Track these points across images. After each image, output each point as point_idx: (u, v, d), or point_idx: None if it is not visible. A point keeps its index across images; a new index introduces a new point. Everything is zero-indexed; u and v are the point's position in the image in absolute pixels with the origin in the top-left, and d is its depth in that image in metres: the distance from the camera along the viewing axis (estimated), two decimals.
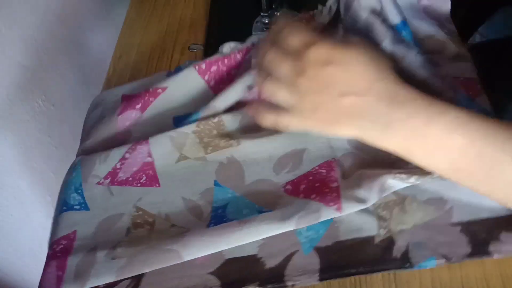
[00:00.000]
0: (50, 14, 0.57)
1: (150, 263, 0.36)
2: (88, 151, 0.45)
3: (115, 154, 0.43)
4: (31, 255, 0.62)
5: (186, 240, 0.36)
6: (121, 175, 0.42)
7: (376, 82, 0.32)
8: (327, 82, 0.32)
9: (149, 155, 0.42)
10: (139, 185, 0.42)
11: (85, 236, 0.39)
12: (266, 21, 0.56)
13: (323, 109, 0.33)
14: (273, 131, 0.40)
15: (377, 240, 0.36)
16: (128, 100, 0.47)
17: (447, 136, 0.29)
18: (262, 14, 0.57)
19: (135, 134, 0.45)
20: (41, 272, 0.39)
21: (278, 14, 0.56)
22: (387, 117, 0.31)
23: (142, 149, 0.42)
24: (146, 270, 0.36)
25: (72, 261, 0.37)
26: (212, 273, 0.36)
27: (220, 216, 0.39)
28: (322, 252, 0.36)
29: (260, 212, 0.38)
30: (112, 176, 0.42)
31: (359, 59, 0.32)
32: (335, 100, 0.32)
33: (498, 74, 0.43)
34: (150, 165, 0.42)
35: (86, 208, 0.41)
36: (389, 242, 0.36)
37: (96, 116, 0.50)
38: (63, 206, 0.42)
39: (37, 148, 0.59)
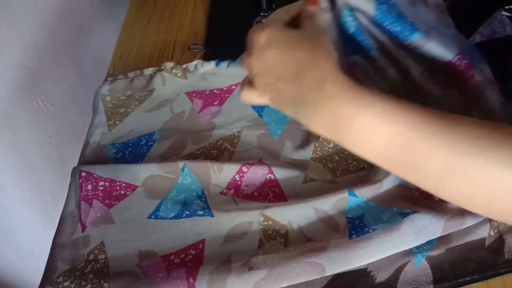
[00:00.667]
0: (50, 14, 0.57)
1: (291, 276, 0.34)
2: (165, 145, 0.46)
3: (230, 167, 0.42)
4: (31, 255, 0.62)
5: (330, 252, 0.35)
6: (244, 189, 0.42)
7: (305, 70, 0.32)
8: (266, 64, 0.33)
9: (271, 172, 0.42)
10: (266, 201, 0.41)
11: (214, 246, 0.38)
12: None
13: (267, 90, 0.35)
14: None
15: (488, 242, 0.36)
16: (205, 99, 0.51)
17: (372, 129, 0.30)
18: (262, 14, 0.57)
19: (218, 124, 0.48)
20: (42, 272, 0.39)
21: None
22: (315, 107, 0.32)
23: (260, 165, 0.42)
24: (286, 284, 0.34)
25: (205, 270, 0.36)
26: None
27: (360, 227, 0.37)
28: (433, 261, 0.35)
29: (401, 214, 0.36)
30: (235, 188, 0.42)
31: (295, 44, 0.33)
32: (274, 83, 0.34)
33: (498, 74, 0.43)
34: (275, 182, 0.42)
35: (210, 214, 0.40)
36: (500, 243, 0.35)
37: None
38: (185, 211, 0.40)
39: (37, 148, 0.59)
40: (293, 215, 0.39)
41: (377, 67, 0.43)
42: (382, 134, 0.29)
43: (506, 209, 0.28)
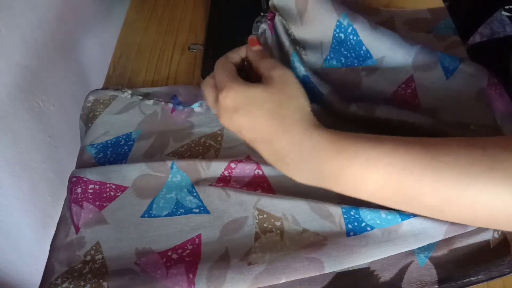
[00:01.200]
0: (50, 14, 0.57)
1: (290, 271, 0.34)
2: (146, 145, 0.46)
3: (218, 164, 0.42)
4: (31, 255, 0.62)
5: (328, 249, 0.35)
6: (234, 184, 0.42)
7: (277, 136, 0.32)
8: (238, 127, 0.34)
9: (259, 168, 0.42)
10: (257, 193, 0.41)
11: (210, 240, 0.38)
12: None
13: (245, 139, 0.35)
14: None
15: (492, 244, 0.35)
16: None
17: (360, 178, 0.29)
18: (262, 14, 0.57)
19: (197, 123, 0.48)
20: (41, 272, 0.39)
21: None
22: (297, 165, 0.32)
23: (249, 162, 0.42)
24: (284, 279, 0.35)
25: (204, 265, 0.36)
26: None
27: (356, 220, 0.37)
28: (437, 262, 0.35)
29: (401, 215, 0.36)
30: (225, 183, 0.42)
31: (261, 105, 0.32)
32: (249, 141, 0.34)
33: (498, 74, 0.43)
34: (263, 177, 0.42)
35: (206, 211, 0.40)
36: (505, 244, 0.35)
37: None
38: (179, 209, 0.41)
39: (37, 148, 0.59)
40: (287, 207, 0.39)
41: (336, 112, 0.43)
42: (372, 180, 0.29)
43: (508, 226, 0.28)
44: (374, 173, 0.29)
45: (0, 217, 0.54)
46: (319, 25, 0.43)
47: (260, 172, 0.42)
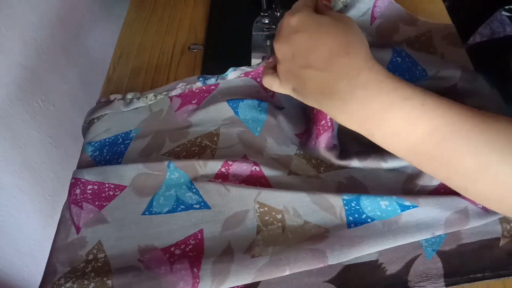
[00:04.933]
0: (50, 14, 0.57)
1: (294, 262, 0.35)
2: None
3: (215, 162, 0.42)
4: (31, 255, 0.62)
5: (330, 241, 0.35)
6: (232, 179, 0.42)
7: (338, 57, 0.30)
8: (293, 50, 0.32)
9: (256, 164, 0.42)
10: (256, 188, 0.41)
11: (213, 235, 0.38)
12: (266, 21, 0.56)
13: (291, 78, 0.33)
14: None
15: (502, 242, 0.36)
16: (184, 97, 0.50)
17: (408, 122, 0.28)
18: (262, 14, 0.57)
19: (195, 122, 0.47)
20: (41, 272, 0.39)
21: (278, 14, 0.56)
22: (346, 97, 0.30)
23: (246, 161, 0.42)
24: (288, 271, 0.35)
25: (208, 259, 0.36)
26: (330, 281, 0.35)
27: (357, 211, 0.37)
28: (444, 256, 0.36)
29: (401, 206, 0.36)
30: (223, 178, 0.42)
31: (328, 30, 0.31)
32: (299, 71, 0.32)
33: (498, 74, 0.43)
34: (260, 173, 0.42)
35: (207, 207, 0.40)
36: None
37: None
38: (180, 206, 0.41)
39: (37, 148, 0.59)
40: (288, 199, 0.39)
41: None
42: (418, 128, 0.28)
43: None
44: (424, 121, 0.28)
45: (0, 217, 0.54)
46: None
47: (258, 169, 0.42)
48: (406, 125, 0.28)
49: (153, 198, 0.42)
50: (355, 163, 0.41)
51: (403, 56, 0.44)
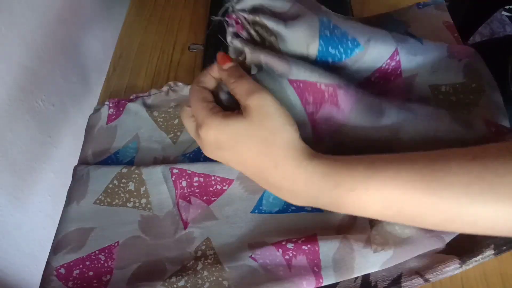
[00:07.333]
0: (50, 14, 0.57)
1: (415, 251, 0.35)
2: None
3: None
4: (31, 255, 0.62)
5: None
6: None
7: (268, 170, 0.31)
8: (225, 162, 0.33)
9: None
10: None
11: (326, 238, 0.37)
12: None
13: (223, 161, 0.33)
14: None
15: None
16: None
17: (360, 205, 0.29)
18: None
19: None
20: (41, 272, 0.39)
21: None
22: (292, 195, 0.31)
23: None
24: (408, 258, 0.35)
25: (326, 256, 0.35)
26: None
27: None
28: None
29: None
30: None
31: (247, 143, 0.30)
32: (241, 170, 0.33)
33: (498, 74, 0.43)
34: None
35: (319, 210, 0.38)
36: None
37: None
38: (290, 206, 0.40)
39: (37, 148, 0.59)
40: None
41: None
42: (373, 205, 0.29)
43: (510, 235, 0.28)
44: (374, 201, 0.29)
45: (0, 217, 0.54)
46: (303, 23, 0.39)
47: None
48: (360, 207, 0.30)
49: (262, 196, 0.40)
50: None
51: (331, 28, 0.39)
